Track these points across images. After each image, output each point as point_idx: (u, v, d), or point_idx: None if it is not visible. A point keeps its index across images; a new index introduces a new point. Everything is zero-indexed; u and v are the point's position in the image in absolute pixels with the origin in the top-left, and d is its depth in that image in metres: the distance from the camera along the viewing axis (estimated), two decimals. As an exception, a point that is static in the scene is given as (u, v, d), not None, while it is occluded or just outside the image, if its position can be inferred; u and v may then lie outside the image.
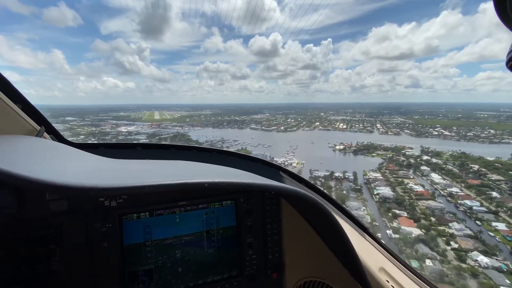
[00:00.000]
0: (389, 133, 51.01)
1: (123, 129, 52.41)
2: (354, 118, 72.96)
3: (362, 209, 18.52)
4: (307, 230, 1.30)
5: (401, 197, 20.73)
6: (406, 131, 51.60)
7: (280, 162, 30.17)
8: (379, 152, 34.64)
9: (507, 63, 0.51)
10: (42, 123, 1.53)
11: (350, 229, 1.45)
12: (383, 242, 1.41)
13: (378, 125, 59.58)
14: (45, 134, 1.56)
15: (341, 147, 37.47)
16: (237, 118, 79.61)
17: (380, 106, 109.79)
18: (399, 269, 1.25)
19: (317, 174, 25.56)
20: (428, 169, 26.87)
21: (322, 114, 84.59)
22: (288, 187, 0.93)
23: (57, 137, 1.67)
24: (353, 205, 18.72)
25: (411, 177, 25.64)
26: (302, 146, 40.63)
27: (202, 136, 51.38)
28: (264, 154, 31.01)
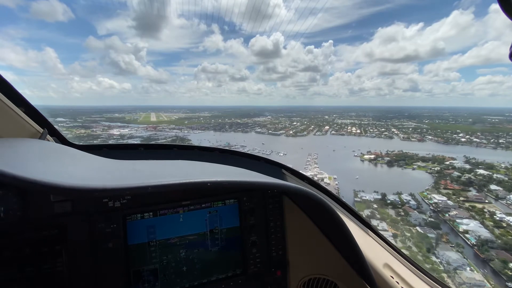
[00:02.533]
0: (412, 139, 44.71)
1: (115, 131, 46.11)
2: (363, 122, 67.22)
3: (466, 267, 11.74)
4: (310, 228, 1.27)
5: (503, 238, 14.13)
6: (429, 137, 45.49)
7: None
8: (419, 163, 28.12)
9: (510, 56, 0.49)
10: (44, 126, 1.50)
11: (353, 225, 1.42)
12: (387, 238, 1.37)
13: (393, 130, 53.65)
14: (48, 136, 1.52)
15: (371, 156, 30.80)
16: (239, 121, 73.52)
17: (382, 110, 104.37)
18: (403, 265, 1.22)
19: (365, 197, 18.80)
20: (500, 188, 20.37)
21: (326, 117, 78.65)
22: (291, 184, 0.91)
23: (60, 139, 1.63)
24: (452, 258, 11.94)
25: (485, 200, 19.11)
26: (322, 155, 33.86)
27: (204, 140, 44.55)
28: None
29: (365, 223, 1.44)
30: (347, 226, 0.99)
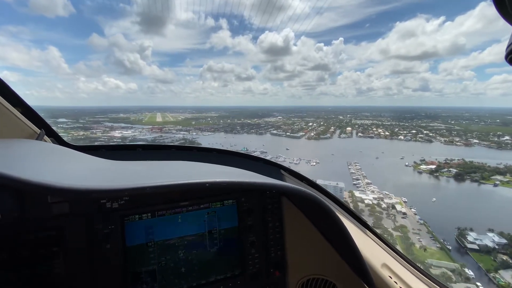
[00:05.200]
0: (457, 143, 37.88)
1: (117, 133, 39.94)
2: (384, 123, 60.56)
3: None
4: (309, 228, 1.26)
5: None
6: (475, 140, 38.64)
7: (372, 200, 16.86)
8: (498, 177, 21.46)
9: (506, 57, 0.48)
10: (42, 126, 1.47)
11: (352, 226, 1.40)
12: (385, 238, 1.35)
13: (426, 132, 47.00)
14: (45, 137, 1.50)
15: (431, 167, 24.15)
16: (249, 121, 67.20)
17: (394, 110, 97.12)
18: (402, 265, 1.21)
19: (480, 242, 12.29)
20: None
21: (340, 117, 71.99)
22: (289, 185, 0.91)
23: (58, 140, 1.59)
24: None
25: None
26: (364, 163, 27.30)
27: (216, 144, 38.05)
28: (338, 186, 17.65)
29: (363, 223, 1.42)
30: (345, 227, 0.98)
